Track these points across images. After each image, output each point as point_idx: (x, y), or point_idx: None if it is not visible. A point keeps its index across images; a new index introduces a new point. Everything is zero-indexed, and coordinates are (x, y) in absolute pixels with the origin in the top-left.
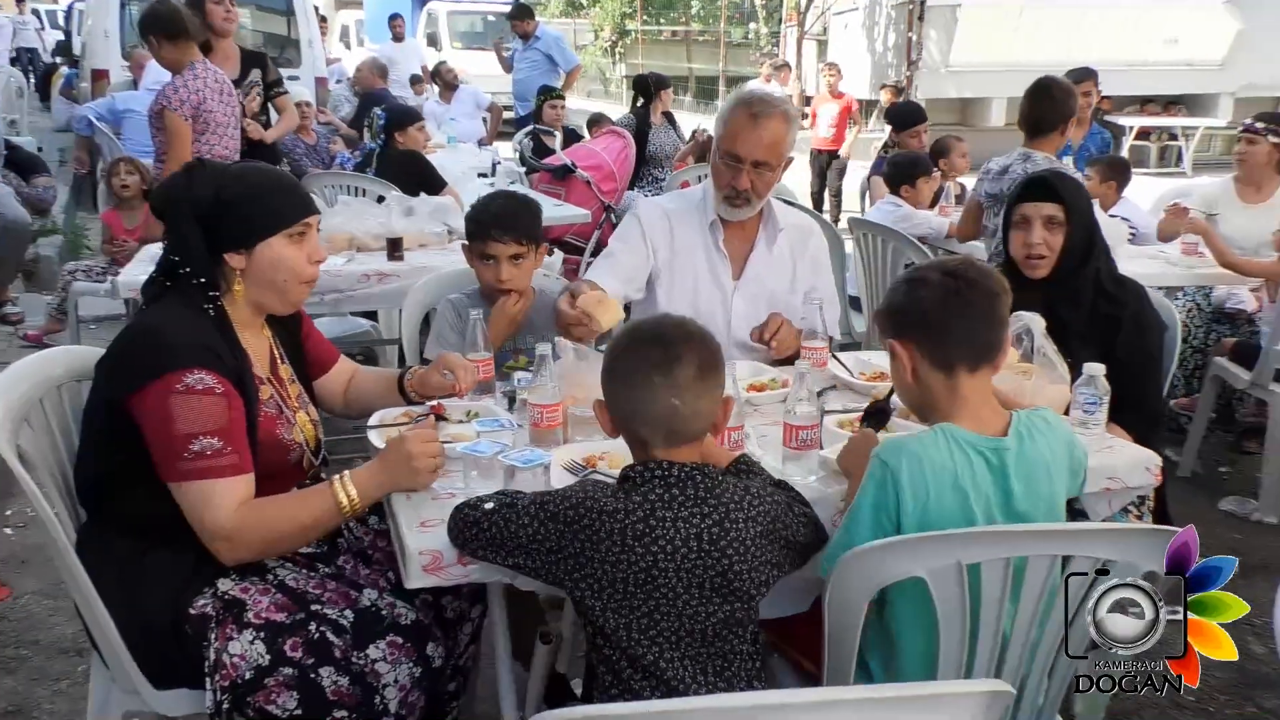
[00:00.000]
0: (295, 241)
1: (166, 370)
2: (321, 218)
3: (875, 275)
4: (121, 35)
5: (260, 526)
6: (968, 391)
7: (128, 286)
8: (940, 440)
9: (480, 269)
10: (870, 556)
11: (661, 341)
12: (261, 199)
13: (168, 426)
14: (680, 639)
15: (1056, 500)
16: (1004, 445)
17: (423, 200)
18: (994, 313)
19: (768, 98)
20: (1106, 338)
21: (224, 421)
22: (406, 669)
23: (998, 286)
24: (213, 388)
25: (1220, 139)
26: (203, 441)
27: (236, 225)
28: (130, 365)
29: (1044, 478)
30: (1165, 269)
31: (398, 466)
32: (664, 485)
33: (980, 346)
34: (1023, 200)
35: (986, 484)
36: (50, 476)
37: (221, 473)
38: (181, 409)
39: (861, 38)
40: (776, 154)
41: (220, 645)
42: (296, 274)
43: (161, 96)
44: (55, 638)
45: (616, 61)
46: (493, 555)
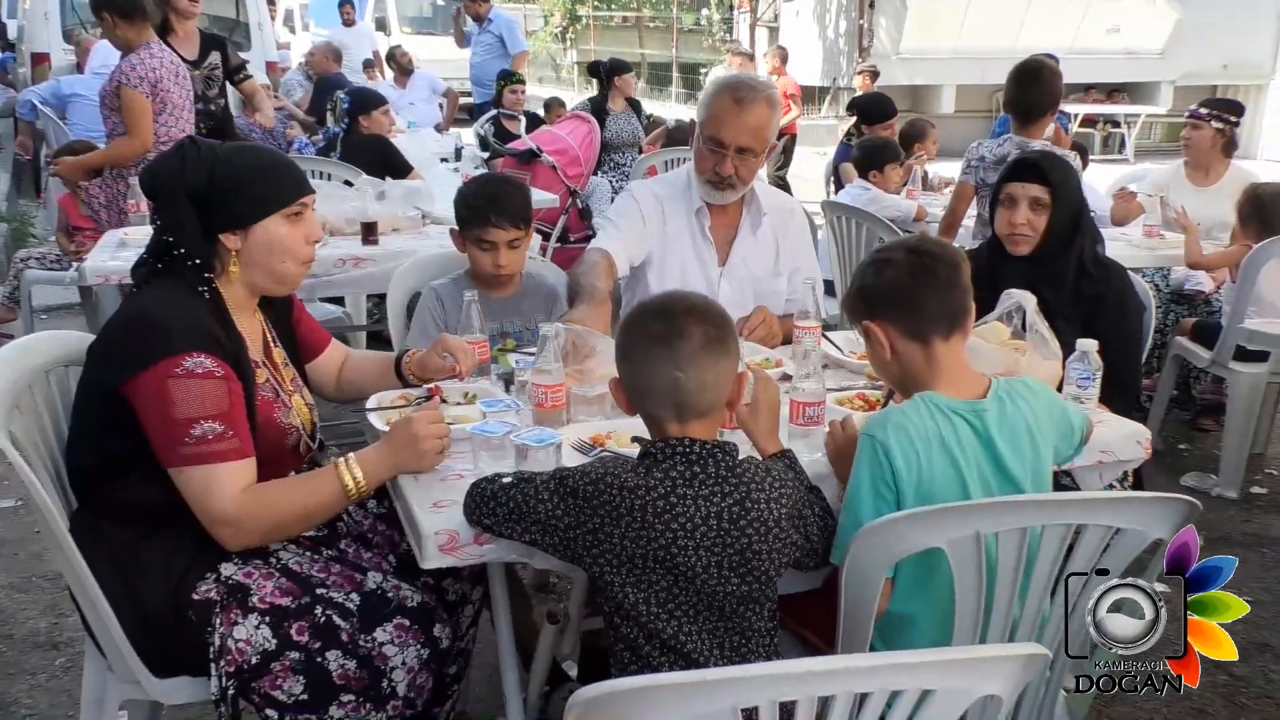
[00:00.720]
0: (292, 221)
1: (164, 355)
2: None
3: (849, 258)
4: (62, 17)
5: (265, 511)
6: (945, 359)
7: (94, 273)
8: (921, 406)
9: (476, 256)
10: (888, 529)
11: (664, 315)
12: (258, 178)
13: (167, 412)
14: (699, 613)
15: (1043, 462)
16: (982, 407)
17: (394, 184)
18: (958, 280)
19: (752, 82)
20: (1089, 318)
21: (225, 405)
22: (414, 651)
23: (957, 256)
24: (212, 371)
25: (1161, 126)
26: (204, 426)
27: (232, 205)
28: (125, 351)
29: (1026, 439)
30: (1129, 251)
31: (404, 448)
32: (685, 462)
33: (952, 313)
34: (1010, 180)
35: (972, 446)
36: (42, 463)
37: (224, 457)
38: (181, 394)
39: (813, 25)
40: (760, 139)
41: (225, 630)
42: (294, 254)
43: (118, 73)
44: (29, 631)
45: (568, 48)
46: (509, 530)
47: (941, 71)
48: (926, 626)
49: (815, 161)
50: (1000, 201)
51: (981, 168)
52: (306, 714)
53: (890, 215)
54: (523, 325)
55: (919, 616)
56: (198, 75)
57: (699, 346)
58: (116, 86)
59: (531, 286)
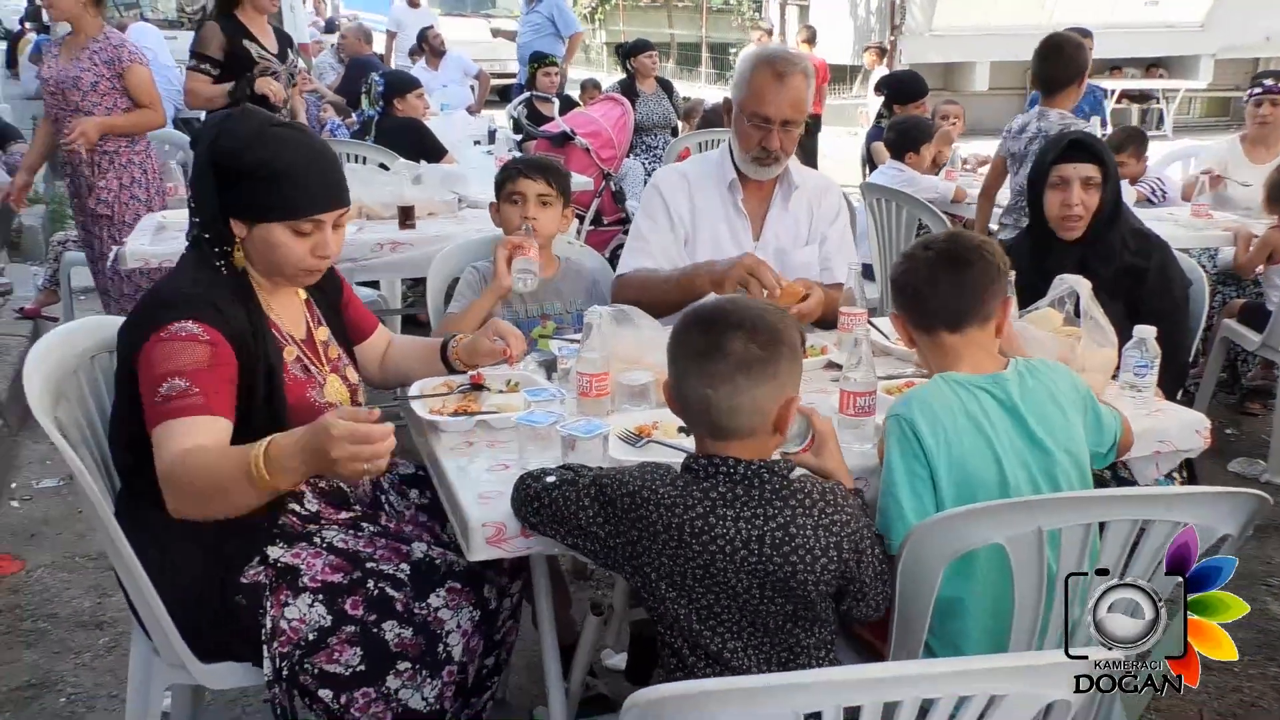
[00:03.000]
0: (299, 235)
1: (159, 324)
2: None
3: (889, 241)
4: None
5: (187, 476)
6: (958, 347)
7: (134, 257)
8: (940, 383)
9: (507, 213)
10: (947, 524)
11: (708, 328)
12: (275, 180)
13: (148, 374)
14: (743, 630)
15: (1074, 431)
16: (1003, 378)
17: (431, 168)
18: (964, 280)
19: (789, 55)
20: (1132, 289)
21: (199, 365)
22: (467, 613)
23: (972, 256)
24: (196, 334)
25: (1200, 101)
26: (171, 383)
27: (243, 196)
28: (133, 328)
29: (1053, 407)
30: (1175, 230)
31: (315, 455)
32: (729, 482)
33: (954, 310)
34: (1061, 161)
35: (998, 416)
36: (86, 447)
37: (180, 412)
38: (159, 354)
39: (843, 2)
40: (801, 110)
41: (276, 613)
42: (293, 264)
43: (125, 55)
44: (72, 611)
45: (597, 28)
46: (552, 531)
47: (975, 48)
48: (976, 611)
49: (847, 141)
50: (1051, 185)
51: (1008, 138)
52: (364, 687)
53: (928, 196)
54: (563, 308)
55: (967, 600)
56: (282, 71)
57: (735, 367)
58: (126, 68)
59: (571, 270)
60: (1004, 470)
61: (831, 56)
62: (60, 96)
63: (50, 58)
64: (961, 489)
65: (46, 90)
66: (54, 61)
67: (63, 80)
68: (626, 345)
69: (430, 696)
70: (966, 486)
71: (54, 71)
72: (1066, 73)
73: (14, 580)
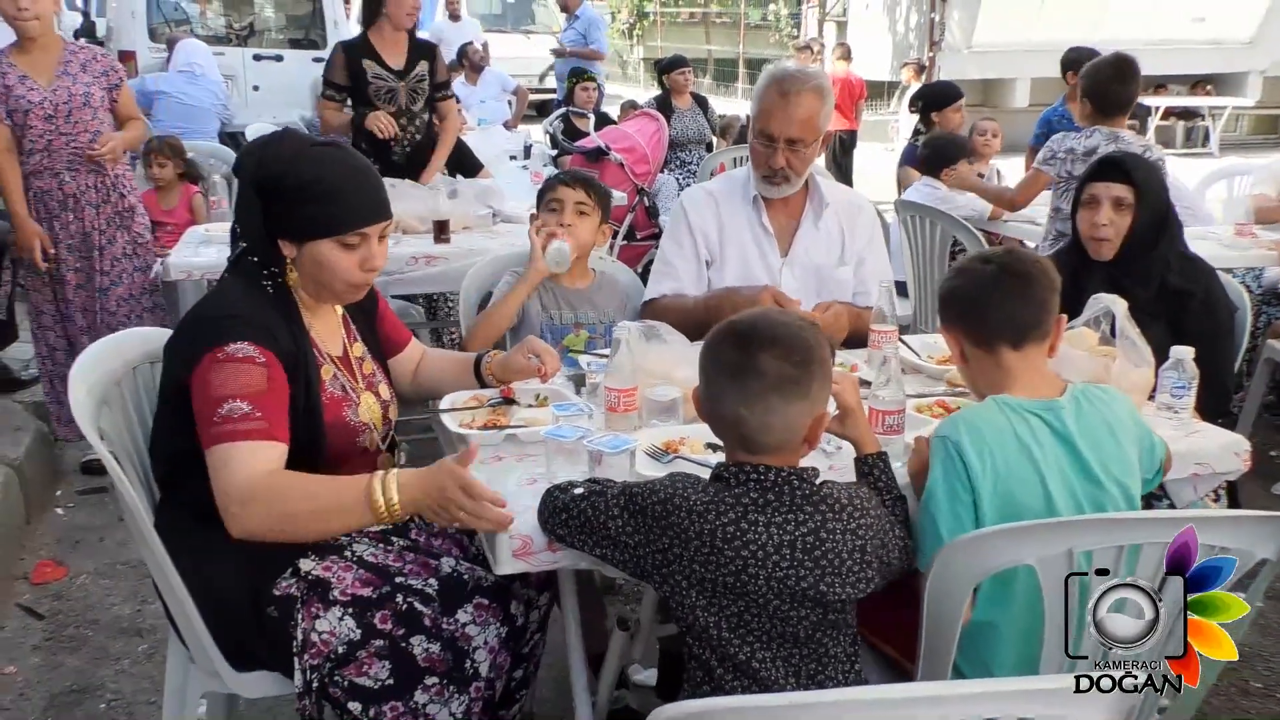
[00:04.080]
0: (346, 248)
1: (214, 345)
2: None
3: (922, 258)
4: (149, 15)
5: (275, 496)
6: (1016, 366)
7: (177, 269)
8: (993, 406)
9: (546, 221)
10: (977, 544)
11: (742, 344)
12: (320, 197)
13: (205, 392)
14: (772, 639)
15: (1128, 462)
16: (1058, 405)
17: (467, 183)
18: (1027, 293)
19: (798, 73)
20: (1175, 314)
21: (258, 388)
22: (494, 629)
23: (1033, 270)
24: (252, 356)
25: (1248, 118)
26: (231, 404)
27: (289, 216)
28: (186, 344)
29: (1109, 437)
30: (1219, 250)
31: (431, 496)
32: (759, 488)
33: (1018, 324)
34: (1093, 180)
35: (1050, 444)
36: (127, 457)
37: (245, 435)
38: (218, 375)
39: (882, 18)
40: (810, 129)
41: (308, 625)
42: (342, 279)
43: (117, 68)
44: (114, 617)
45: (635, 44)
46: (580, 542)
47: (1016, 64)
48: (1010, 635)
49: (883, 157)
50: (1082, 203)
51: (1070, 159)
52: (392, 700)
53: (964, 214)
54: (596, 318)
55: (1001, 625)
56: (402, 87)
57: (770, 386)
58: (120, 80)
59: (606, 281)
60: (1051, 498)
61: (870, 73)
62: (59, 119)
63: (15, 77)
64: (1004, 516)
65: (37, 115)
66: (31, 81)
67: (69, 100)
68: (655, 361)
69: (458, 712)
70: (1010, 513)
71: (47, 92)
72: (1134, 94)
73: (58, 587)
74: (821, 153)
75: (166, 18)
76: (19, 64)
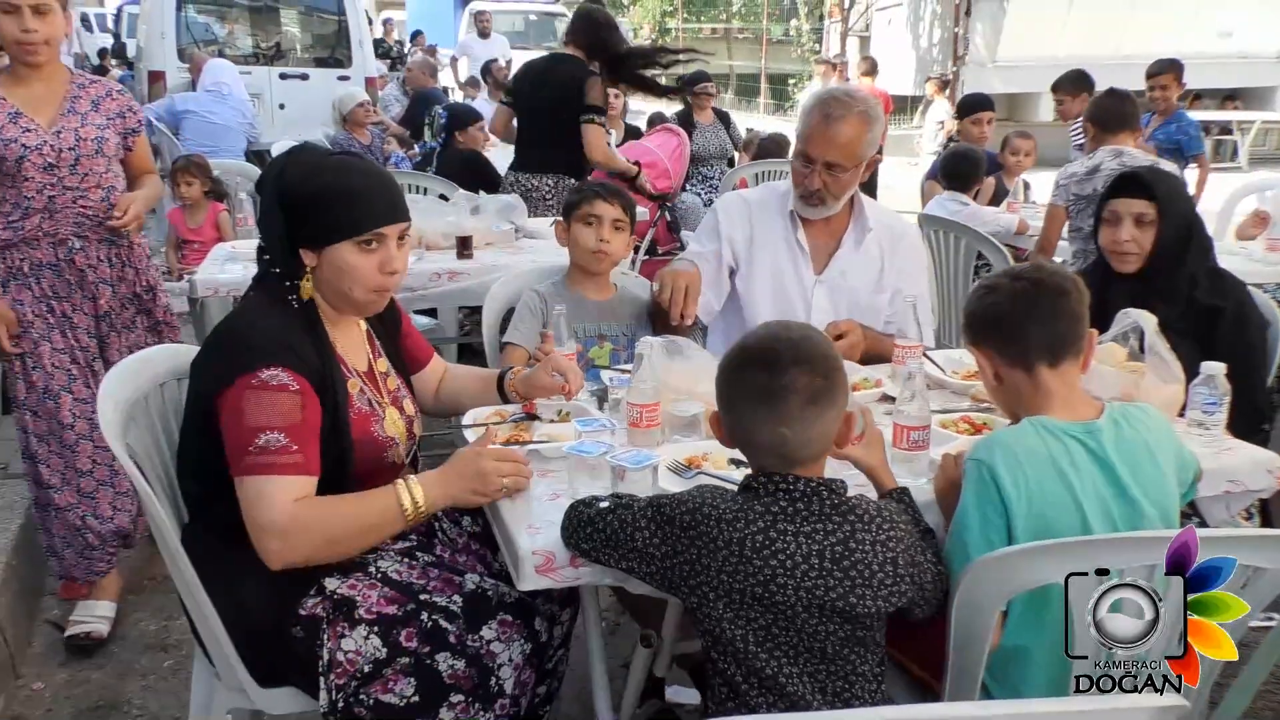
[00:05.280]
0: (365, 250)
1: (246, 369)
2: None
3: (947, 274)
4: (178, 36)
5: (316, 525)
6: (1053, 385)
7: (205, 285)
8: (1030, 429)
9: (580, 234)
10: (1005, 562)
11: (769, 366)
12: (338, 201)
13: (238, 421)
14: (799, 654)
15: (1168, 486)
16: (1097, 427)
17: (489, 199)
18: (1064, 308)
19: (845, 98)
20: (1205, 331)
21: (294, 419)
22: (519, 646)
23: (1067, 284)
24: (287, 384)
25: (1277, 132)
26: (268, 436)
27: (310, 222)
28: (215, 364)
29: (1148, 459)
30: (1248, 265)
31: (467, 479)
32: (788, 498)
33: (1056, 341)
34: (1114, 196)
35: (1087, 467)
36: (155, 474)
37: (282, 470)
38: (253, 404)
39: (905, 33)
40: (850, 154)
41: (333, 645)
42: (363, 283)
43: (136, 110)
44: (139, 633)
45: None
46: (606, 557)
47: (1040, 79)
48: (1043, 660)
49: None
50: (1104, 219)
51: (1072, 183)
52: (419, 718)
53: (990, 230)
54: (620, 330)
55: (1034, 649)
56: None
57: (806, 402)
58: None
59: (627, 296)
60: (1087, 523)
61: (894, 87)
62: (63, 170)
63: (6, 114)
64: (1038, 540)
65: (34, 162)
66: (26, 120)
67: (76, 145)
68: (677, 376)
69: None
70: (1043, 538)
71: (48, 134)
72: (1132, 109)
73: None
74: (866, 177)
75: (196, 38)
76: (12, 97)
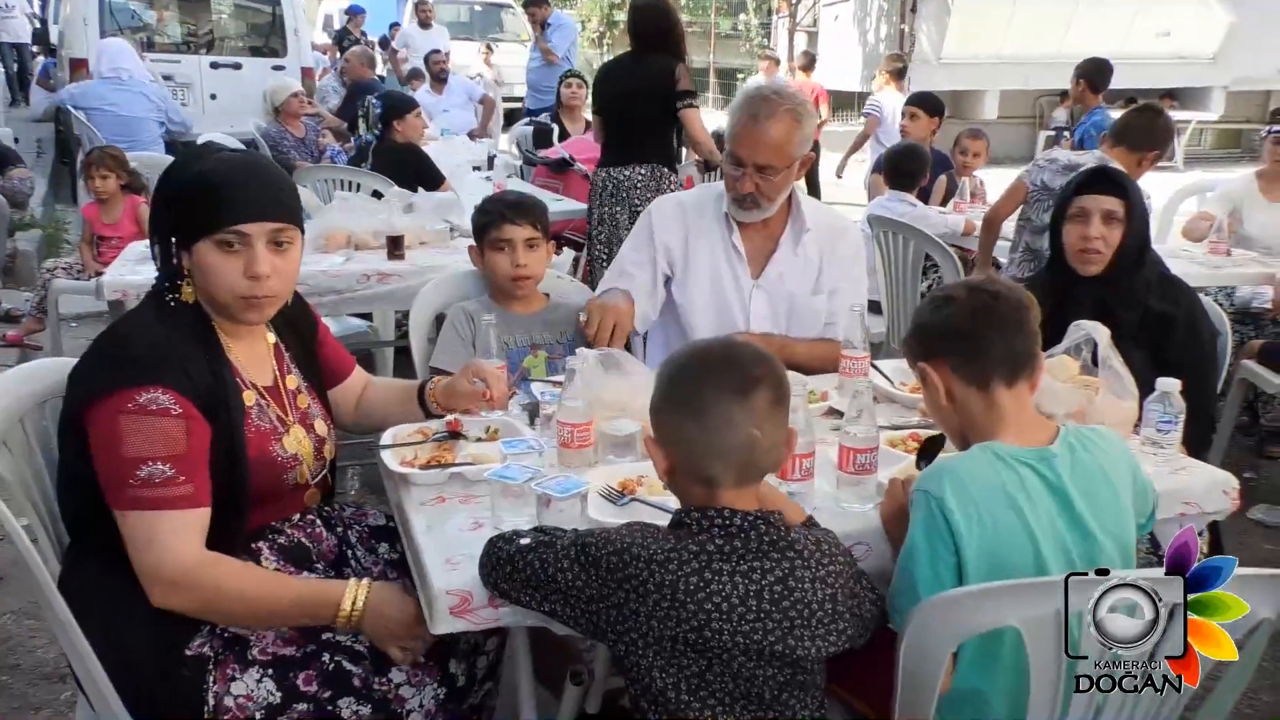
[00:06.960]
0: (225, 251)
1: (120, 386)
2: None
3: (896, 275)
4: (100, 23)
5: (207, 593)
6: (1007, 406)
7: (113, 287)
8: (981, 456)
9: (495, 260)
10: (956, 604)
11: (736, 365)
12: (202, 194)
13: (115, 448)
14: (734, 701)
15: (1124, 515)
16: (1051, 454)
17: (424, 196)
18: (1024, 323)
19: (773, 96)
20: (1158, 339)
21: (178, 448)
22: (431, 690)
23: (1024, 298)
24: (168, 409)
25: (1212, 132)
26: (150, 468)
27: (179, 219)
28: (88, 376)
29: (1104, 485)
30: (1192, 269)
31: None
32: (724, 535)
33: (1015, 358)
34: (1082, 193)
35: (1041, 496)
36: (30, 501)
37: (172, 504)
38: (131, 431)
39: (852, 30)
40: (781, 155)
41: (220, 688)
42: (227, 288)
43: None
44: (36, 662)
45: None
46: (527, 598)
47: (984, 77)
48: (1000, 705)
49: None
50: (1070, 216)
51: (1049, 168)
52: None
53: (938, 232)
54: (553, 339)
55: (989, 693)
56: None
57: (774, 402)
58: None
59: (559, 304)
60: (1041, 556)
61: (840, 83)
62: None
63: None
64: (991, 577)
65: None
66: None
67: None
68: (612, 392)
69: None
70: (997, 574)
71: None
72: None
73: None
74: (801, 175)
75: (121, 25)
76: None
